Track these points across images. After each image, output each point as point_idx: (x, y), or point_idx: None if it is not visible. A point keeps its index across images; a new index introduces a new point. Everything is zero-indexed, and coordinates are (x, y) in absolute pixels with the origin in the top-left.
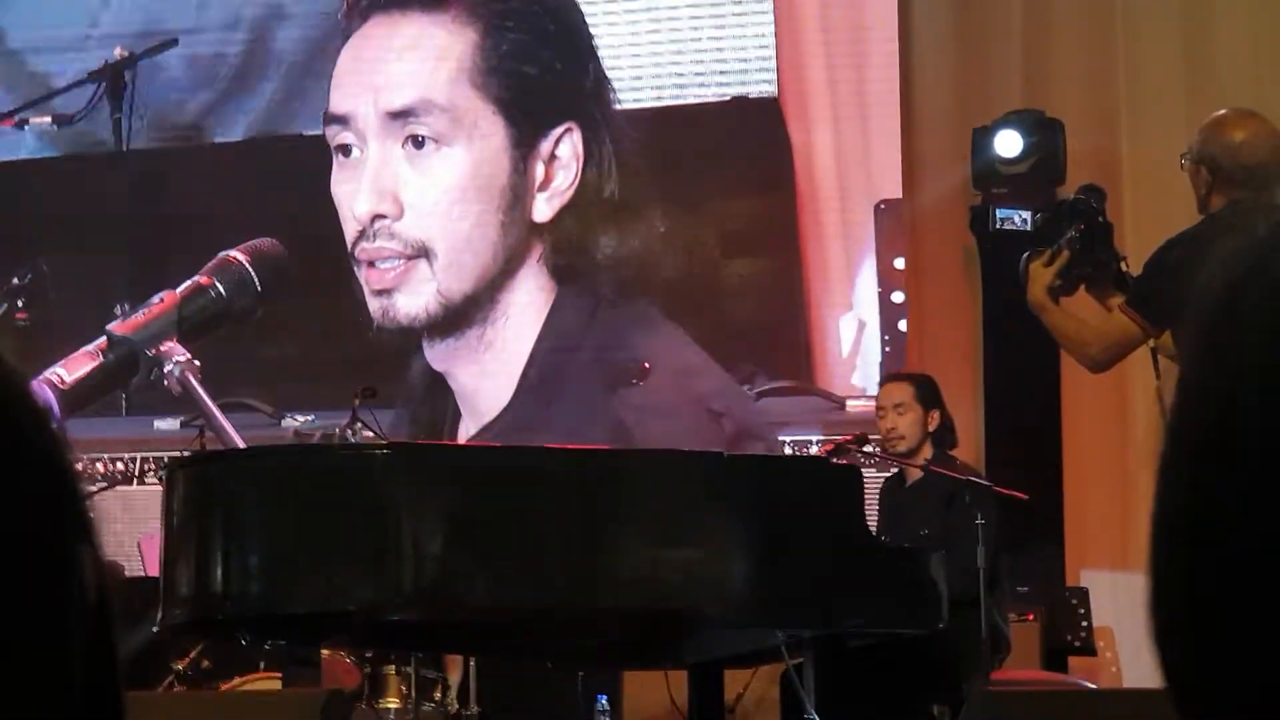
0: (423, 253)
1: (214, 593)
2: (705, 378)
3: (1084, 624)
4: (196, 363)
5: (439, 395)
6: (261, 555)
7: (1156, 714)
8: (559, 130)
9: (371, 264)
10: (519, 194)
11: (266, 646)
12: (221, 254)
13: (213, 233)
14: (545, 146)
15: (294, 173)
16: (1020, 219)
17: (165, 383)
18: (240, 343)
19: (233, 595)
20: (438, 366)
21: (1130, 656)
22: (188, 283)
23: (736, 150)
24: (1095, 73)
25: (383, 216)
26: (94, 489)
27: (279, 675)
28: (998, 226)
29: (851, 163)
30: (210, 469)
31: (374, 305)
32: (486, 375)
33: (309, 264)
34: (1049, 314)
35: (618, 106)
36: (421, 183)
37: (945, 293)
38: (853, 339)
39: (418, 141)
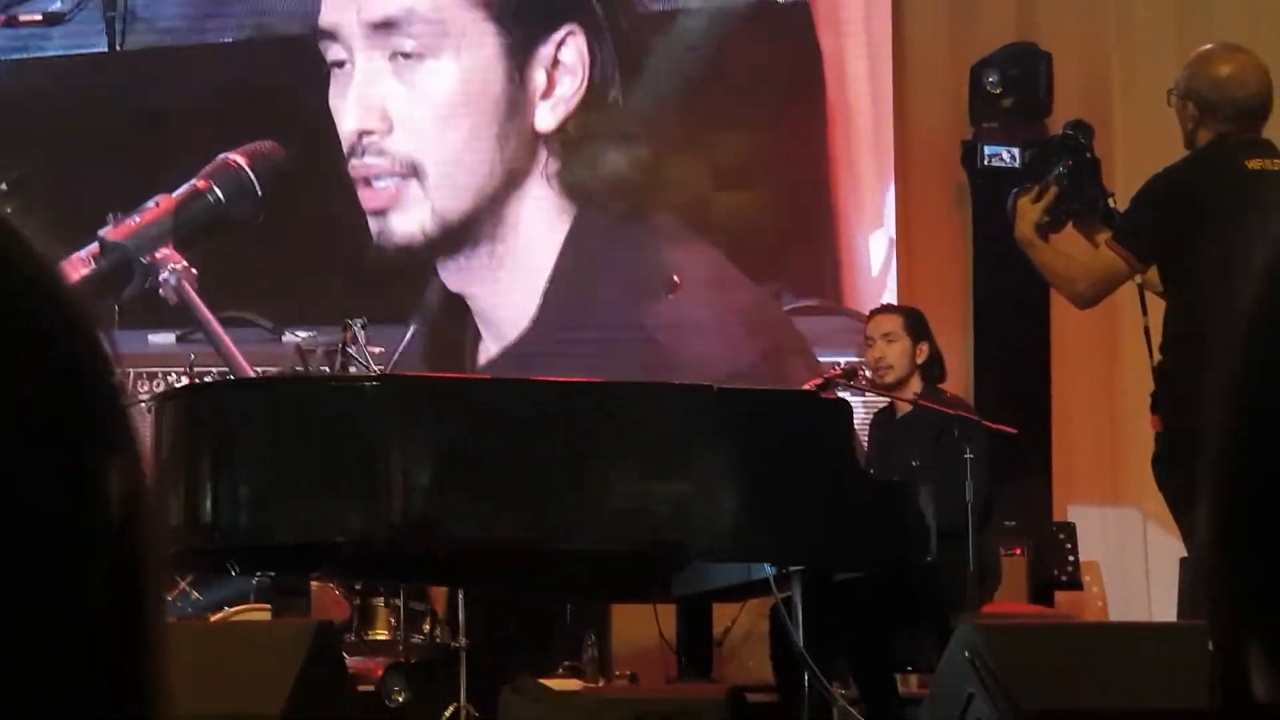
0: (413, 172)
1: (203, 524)
2: (738, 292)
3: (1070, 559)
4: (194, 270)
5: (457, 316)
6: (251, 486)
7: (1141, 647)
8: (560, 34)
9: (366, 182)
10: (516, 104)
11: (255, 578)
12: (220, 156)
13: (211, 135)
14: (546, 51)
15: (298, 74)
16: (1009, 155)
17: (160, 291)
18: (240, 255)
19: (222, 527)
20: (454, 288)
21: (1116, 591)
22: (185, 186)
23: (763, 58)
24: (1087, 7)
25: (371, 133)
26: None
27: (268, 607)
28: (986, 163)
29: (883, 73)
30: (199, 400)
31: (372, 225)
32: (504, 294)
33: (312, 170)
34: (1037, 250)
35: (640, 9)
36: (409, 97)
37: (937, 227)
38: (883, 257)
39: (404, 54)
